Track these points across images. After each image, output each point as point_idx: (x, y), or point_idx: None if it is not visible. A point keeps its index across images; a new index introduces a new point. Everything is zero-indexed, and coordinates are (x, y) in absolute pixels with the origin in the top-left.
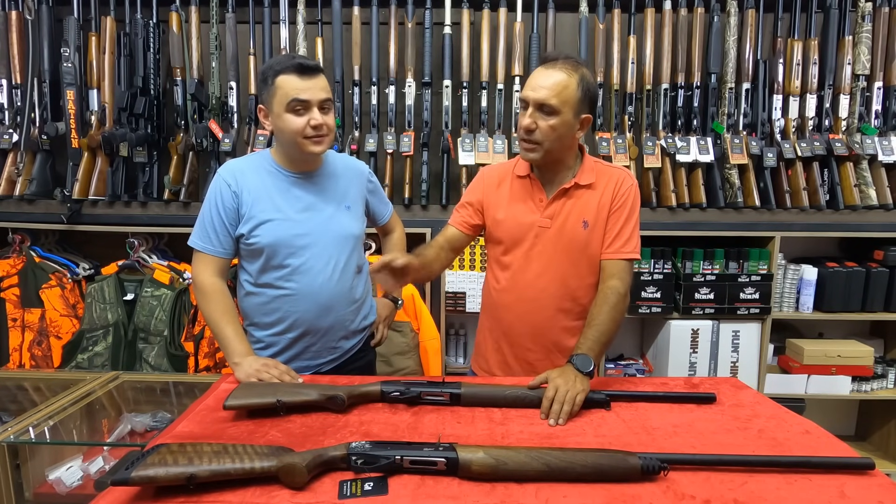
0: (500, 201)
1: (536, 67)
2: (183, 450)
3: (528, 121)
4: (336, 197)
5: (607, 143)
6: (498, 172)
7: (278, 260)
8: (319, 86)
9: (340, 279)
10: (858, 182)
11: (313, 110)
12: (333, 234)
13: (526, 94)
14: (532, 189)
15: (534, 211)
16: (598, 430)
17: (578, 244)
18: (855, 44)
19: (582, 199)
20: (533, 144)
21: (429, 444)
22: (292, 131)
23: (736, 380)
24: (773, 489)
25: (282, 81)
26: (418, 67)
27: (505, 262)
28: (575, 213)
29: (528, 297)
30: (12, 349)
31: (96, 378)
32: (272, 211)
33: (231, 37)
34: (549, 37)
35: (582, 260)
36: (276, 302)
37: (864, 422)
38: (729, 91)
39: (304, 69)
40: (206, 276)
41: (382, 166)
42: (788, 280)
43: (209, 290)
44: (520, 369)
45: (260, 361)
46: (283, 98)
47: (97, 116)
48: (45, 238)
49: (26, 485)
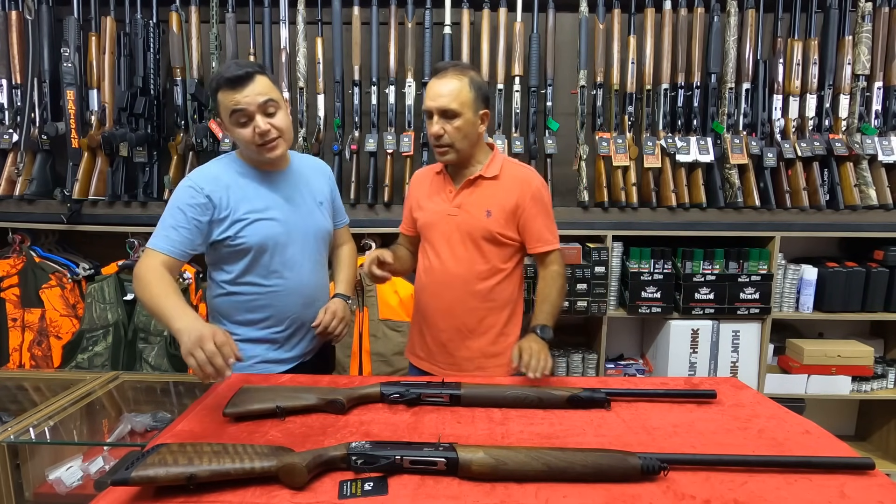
0: (422, 196)
1: (429, 81)
2: (183, 450)
3: (436, 128)
4: (309, 193)
5: (607, 143)
6: (423, 173)
7: (266, 258)
8: (256, 91)
9: (321, 272)
10: (858, 182)
11: (256, 118)
12: (313, 229)
13: (428, 105)
14: (444, 182)
15: (445, 201)
16: (598, 430)
17: (482, 231)
18: (855, 44)
19: (487, 191)
20: (445, 147)
21: (429, 444)
22: (244, 142)
23: (736, 380)
24: (773, 489)
25: (221, 97)
26: (418, 67)
27: (424, 249)
28: (479, 203)
29: (440, 280)
30: (12, 349)
31: (96, 378)
32: (256, 211)
33: (231, 37)
34: (549, 37)
35: (486, 245)
36: (263, 298)
37: (864, 422)
38: (729, 91)
39: (234, 81)
40: (150, 265)
41: (382, 166)
42: (788, 280)
43: (149, 272)
44: (437, 351)
45: (207, 328)
46: (225, 113)
47: (97, 116)
48: (45, 238)
49: (26, 485)
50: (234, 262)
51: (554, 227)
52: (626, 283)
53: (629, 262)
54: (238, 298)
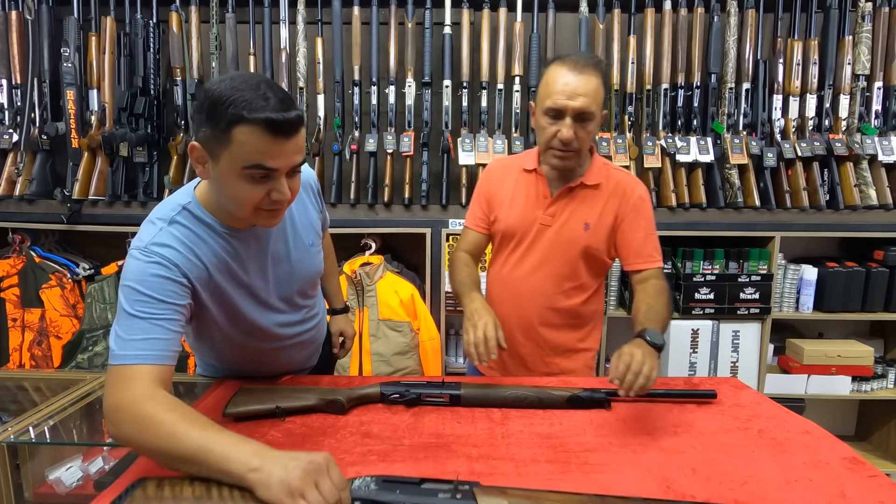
0: (505, 195)
1: (555, 66)
2: (160, 494)
3: (568, 133)
4: (294, 239)
5: (607, 143)
6: (503, 166)
7: (255, 337)
8: (296, 147)
9: (320, 323)
10: (858, 182)
11: (280, 179)
12: (306, 283)
13: (564, 104)
14: (537, 184)
15: (537, 207)
16: (599, 431)
17: (577, 245)
18: (855, 44)
19: (586, 201)
20: (571, 153)
21: (445, 483)
22: (243, 201)
23: (736, 380)
24: (773, 489)
25: (243, 135)
26: (418, 67)
27: (504, 255)
28: (577, 214)
29: (521, 291)
30: (12, 349)
31: (96, 378)
32: (240, 295)
33: (231, 37)
34: (549, 37)
35: (578, 261)
36: (255, 357)
37: (864, 422)
38: (729, 91)
39: (280, 127)
40: (142, 391)
41: (382, 166)
42: (788, 280)
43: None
44: (512, 364)
45: (300, 461)
46: (240, 157)
47: (97, 116)
48: (45, 238)
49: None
50: (221, 336)
51: (657, 241)
52: (627, 283)
53: None
54: (227, 355)
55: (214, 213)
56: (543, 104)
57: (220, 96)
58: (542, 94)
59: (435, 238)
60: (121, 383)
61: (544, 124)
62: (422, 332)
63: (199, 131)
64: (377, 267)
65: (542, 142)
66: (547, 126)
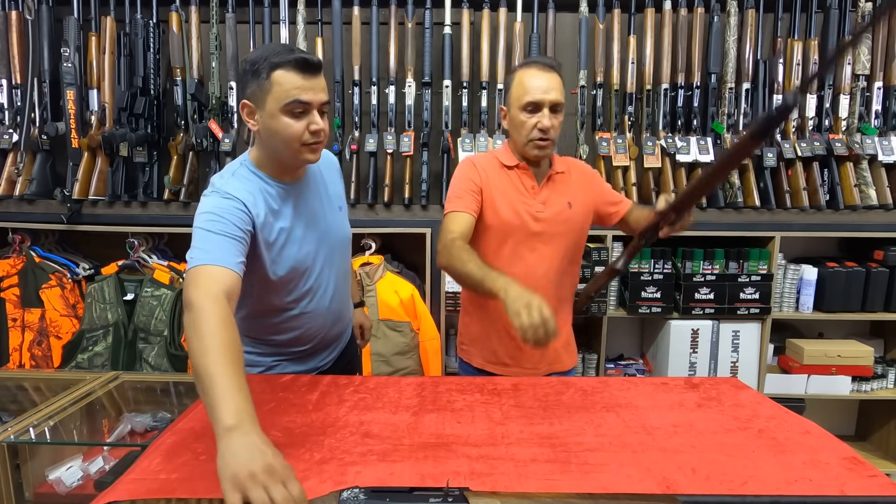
0: (496, 190)
1: (524, 70)
2: None
3: (547, 122)
4: (326, 200)
5: (607, 143)
6: (486, 163)
7: (293, 284)
8: (321, 86)
9: (344, 286)
10: (858, 182)
11: (313, 113)
12: (334, 243)
13: (540, 98)
14: (521, 177)
15: (527, 197)
16: (598, 430)
17: (568, 223)
18: (855, 44)
19: (560, 184)
20: (549, 141)
21: (436, 491)
22: (289, 136)
23: (736, 380)
24: (773, 489)
25: (280, 77)
26: (418, 67)
27: (497, 251)
28: (560, 196)
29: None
30: (12, 349)
31: (96, 378)
32: (285, 235)
33: (231, 37)
34: (549, 37)
35: (571, 237)
36: (292, 321)
37: (864, 422)
38: (729, 91)
39: (307, 65)
40: (210, 290)
41: (382, 166)
42: (788, 280)
43: (210, 322)
44: (511, 356)
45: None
46: (280, 97)
47: (97, 116)
48: (45, 238)
49: (26, 485)
50: (261, 287)
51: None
52: (626, 283)
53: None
54: (263, 321)
55: (264, 169)
56: (521, 101)
57: (258, 57)
58: (516, 94)
59: (435, 238)
60: (192, 282)
61: (523, 118)
62: (422, 332)
63: (246, 89)
64: (377, 267)
65: (523, 135)
66: (526, 120)
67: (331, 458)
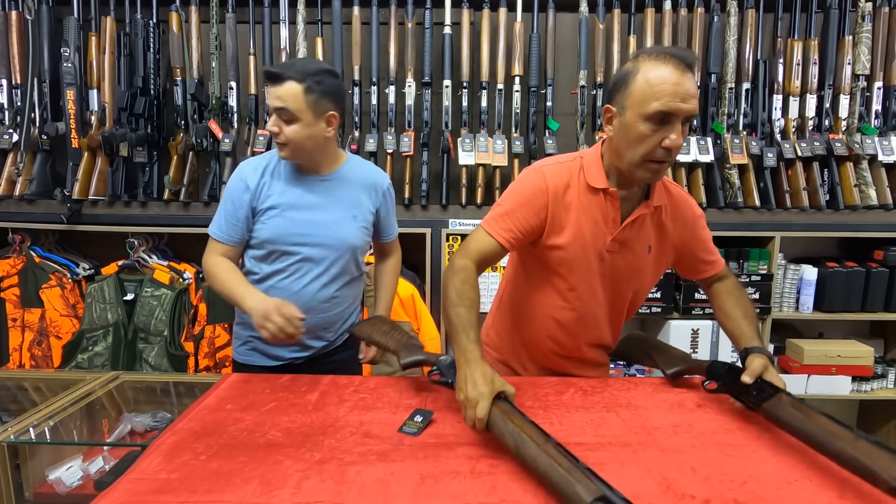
0: (566, 216)
1: (656, 63)
2: None
3: (679, 139)
4: (345, 204)
5: None
6: (563, 181)
7: (276, 255)
8: (279, 94)
9: (327, 285)
10: (858, 182)
11: (272, 116)
12: (332, 240)
13: (676, 107)
14: (606, 207)
15: (603, 233)
16: (598, 430)
17: (638, 271)
18: (855, 44)
19: (648, 224)
20: (667, 164)
21: None
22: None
23: None
24: (773, 489)
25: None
26: (418, 67)
27: (555, 282)
28: (642, 238)
29: (569, 327)
30: (12, 349)
31: (96, 378)
32: (276, 205)
33: (231, 37)
34: (549, 37)
35: (632, 286)
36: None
37: (864, 422)
38: (729, 91)
39: (269, 76)
40: (212, 255)
41: (382, 166)
42: (788, 280)
43: (215, 266)
44: (536, 370)
45: (271, 303)
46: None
47: (97, 116)
48: (45, 238)
49: (26, 485)
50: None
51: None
52: None
53: None
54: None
55: None
56: (646, 108)
57: None
58: (640, 96)
59: (435, 238)
60: (207, 249)
61: (645, 131)
62: (422, 332)
63: None
64: None
65: (638, 152)
66: (649, 133)
67: (331, 458)
